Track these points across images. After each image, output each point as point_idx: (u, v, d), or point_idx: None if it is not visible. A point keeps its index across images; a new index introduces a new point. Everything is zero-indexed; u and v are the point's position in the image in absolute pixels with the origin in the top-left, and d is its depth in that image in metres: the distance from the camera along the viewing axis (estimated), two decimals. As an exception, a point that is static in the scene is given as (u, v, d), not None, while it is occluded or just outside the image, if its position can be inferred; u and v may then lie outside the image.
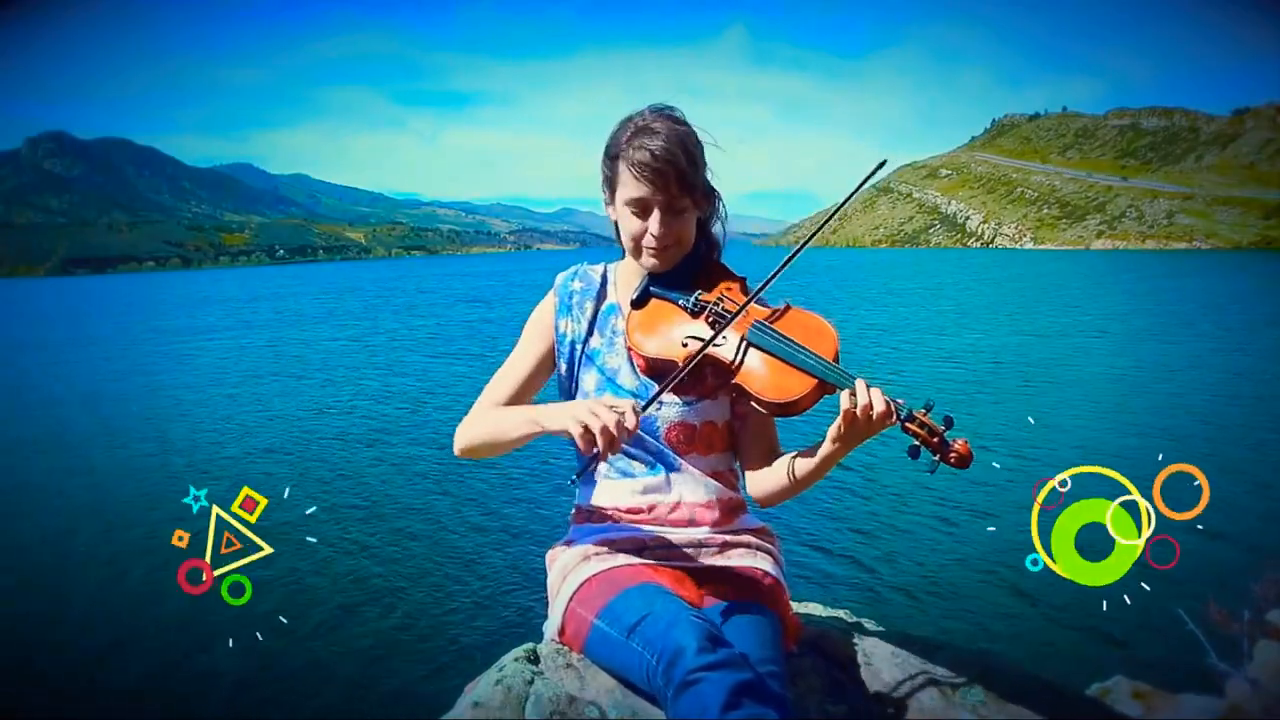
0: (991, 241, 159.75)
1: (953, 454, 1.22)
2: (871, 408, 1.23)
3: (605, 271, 1.58)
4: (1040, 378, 13.57)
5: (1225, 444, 9.13)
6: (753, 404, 1.35)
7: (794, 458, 1.39)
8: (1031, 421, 9.75)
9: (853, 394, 1.24)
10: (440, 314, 30.11)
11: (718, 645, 1.14)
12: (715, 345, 1.34)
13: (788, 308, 1.42)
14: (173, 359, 19.90)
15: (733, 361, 1.35)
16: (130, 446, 10.62)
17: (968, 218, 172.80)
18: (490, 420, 1.46)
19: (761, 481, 1.46)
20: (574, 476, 1.42)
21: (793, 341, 1.33)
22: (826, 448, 1.30)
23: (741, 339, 1.36)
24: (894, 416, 1.23)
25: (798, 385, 1.30)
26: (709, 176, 1.46)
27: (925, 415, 1.24)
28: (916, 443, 1.23)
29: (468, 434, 1.50)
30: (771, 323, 1.37)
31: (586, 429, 1.23)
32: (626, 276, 1.55)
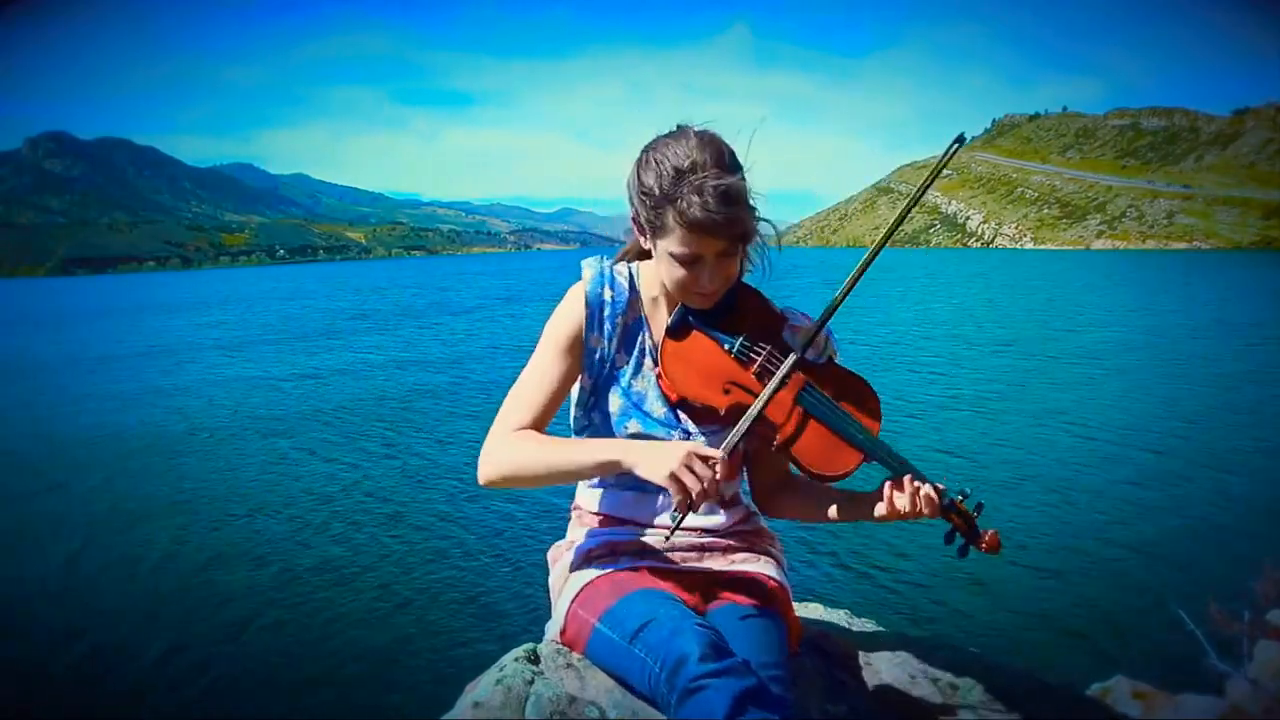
0: (991, 241, 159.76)
1: (983, 544, 1.30)
2: (916, 504, 1.27)
3: (631, 276, 1.45)
4: (1049, 377, 13.58)
5: (1226, 444, 9.13)
6: (794, 466, 1.35)
7: (815, 495, 1.41)
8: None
9: (899, 486, 1.28)
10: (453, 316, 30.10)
11: (721, 654, 1.14)
12: (755, 396, 1.31)
13: (830, 364, 1.38)
14: (179, 364, 19.89)
15: (784, 425, 1.31)
16: (133, 449, 10.63)
17: (968, 218, 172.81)
18: (543, 452, 1.32)
19: (779, 501, 1.47)
20: (668, 535, 1.30)
21: (843, 412, 1.31)
22: (862, 513, 1.34)
23: (792, 400, 1.31)
24: (936, 511, 1.29)
25: (848, 459, 1.31)
26: (753, 202, 1.34)
27: (962, 504, 1.30)
28: (952, 529, 1.30)
29: (504, 463, 1.33)
30: (819, 383, 1.33)
31: (683, 488, 1.20)
32: (651, 284, 1.45)
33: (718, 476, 1.21)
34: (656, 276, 1.41)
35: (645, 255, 1.45)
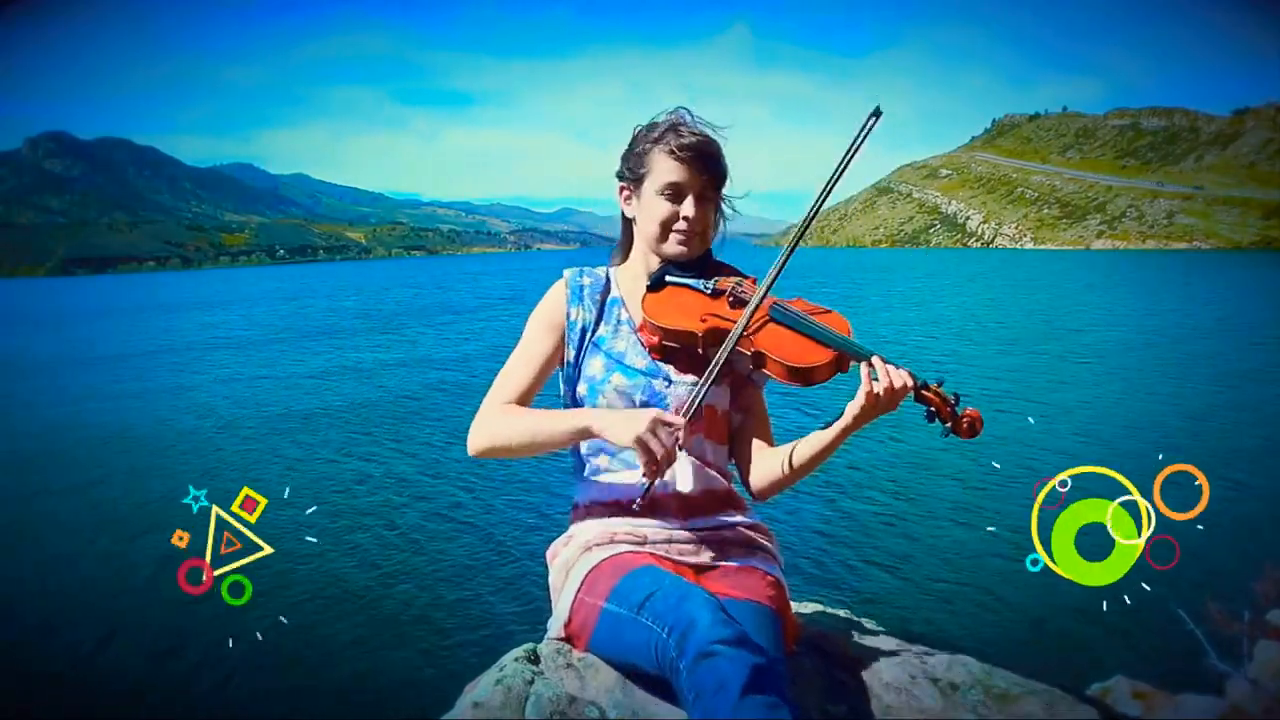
0: (991, 241, 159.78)
1: (965, 420, 1.33)
2: (891, 380, 1.30)
3: (608, 273, 1.63)
4: (1047, 375, 13.58)
5: (1227, 443, 9.13)
6: (768, 371, 1.40)
7: (799, 444, 1.43)
8: (1031, 421, 9.79)
9: (872, 366, 1.32)
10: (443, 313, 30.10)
11: (730, 622, 1.15)
12: (732, 321, 1.40)
13: (801, 302, 1.50)
14: (181, 362, 19.90)
15: (757, 336, 1.41)
16: (136, 447, 10.64)
17: (968, 218, 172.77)
18: (523, 422, 1.42)
19: (762, 470, 1.48)
20: (638, 501, 1.35)
21: (812, 319, 1.42)
22: (844, 423, 1.34)
23: (765, 317, 1.43)
24: (911, 387, 1.32)
25: (817, 354, 1.38)
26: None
27: (938, 387, 1.34)
28: (932, 409, 1.33)
29: (491, 434, 1.44)
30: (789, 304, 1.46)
31: (649, 450, 1.28)
32: (628, 277, 1.59)
33: (679, 440, 1.31)
34: (633, 272, 1.58)
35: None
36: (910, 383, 1.32)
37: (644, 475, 1.32)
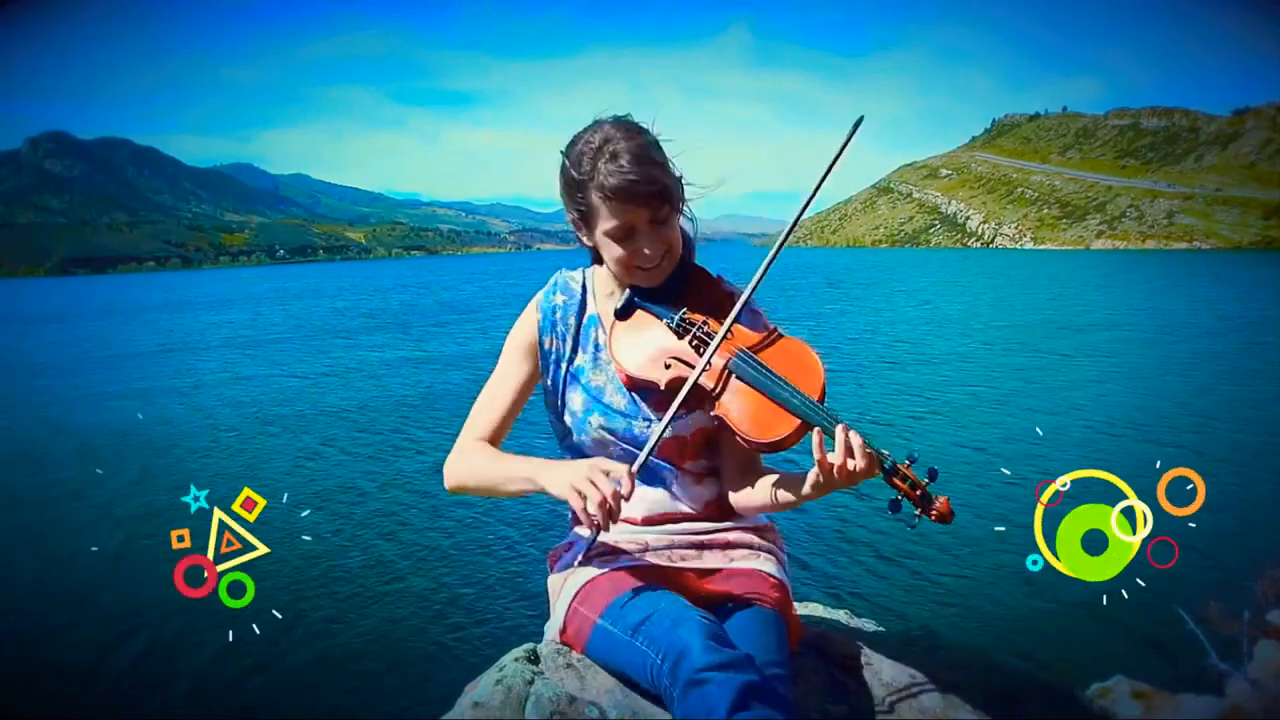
0: (991, 241, 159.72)
1: (934, 510, 1.18)
2: (853, 458, 1.17)
3: (584, 279, 1.51)
4: (1053, 375, 13.58)
5: (1229, 442, 9.12)
6: (735, 437, 1.30)
7: (774, 485, 1.35)
8: (1039, 431, 9.77)
9: (835, 440, 1.19)
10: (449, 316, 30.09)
11: (723, 645, 1.15)
12: (693, 368, 1.31)
13: (776, 334, 1.36)
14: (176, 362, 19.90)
15: (714, 391, 1.30)
16: (141, 448, 10.63)
17: (968, 218, 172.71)
18: (484, 467, 1.40)
19: (739, 496, 1.43)
20: (579, 558, 1.34)
21: (776, 376, 1.27)
22: (806, 491, 1.26)
23: (725, 367, 1.30)
24: (877, 469, 1.18)
25: (781, 425, 1.24)
26: (673, 168, 1.38)
27: (908, 468, 1.19)
28: (899, 496, 1.19)
29: (458, 474, 1.45)
30: (757, 351, 1.31)
31: (581, 499, 1.20)
32: (606, 284, 1.49)
33: (623, 491, 1.20)
34: (608, 286, 1.47)
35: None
36: (874, 462, 1.17)
37: (585, 525, 1.24)
